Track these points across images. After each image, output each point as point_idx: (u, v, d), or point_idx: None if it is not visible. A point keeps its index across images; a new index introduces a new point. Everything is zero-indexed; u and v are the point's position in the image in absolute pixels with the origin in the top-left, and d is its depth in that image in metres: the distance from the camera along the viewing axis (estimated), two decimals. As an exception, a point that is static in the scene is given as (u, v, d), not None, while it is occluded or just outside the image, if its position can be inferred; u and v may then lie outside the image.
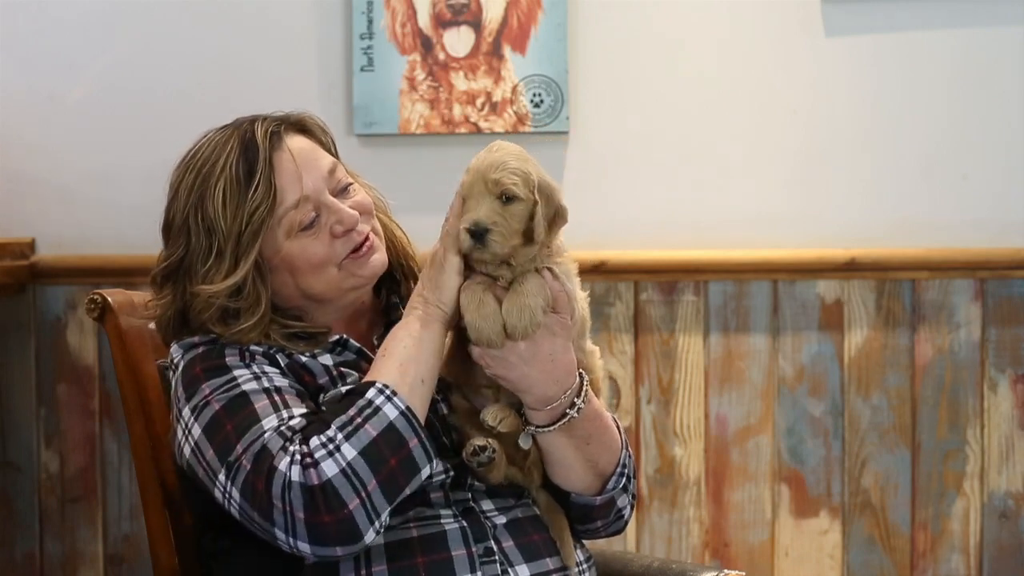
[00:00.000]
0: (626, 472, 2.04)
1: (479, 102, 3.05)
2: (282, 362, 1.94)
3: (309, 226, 1.95)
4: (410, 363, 1.86)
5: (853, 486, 3.04)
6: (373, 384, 1.84)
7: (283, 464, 1.78)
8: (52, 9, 3.09)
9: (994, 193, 3.04)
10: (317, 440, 1.80)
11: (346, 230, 1.96)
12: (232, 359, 1.92)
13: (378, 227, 2.03)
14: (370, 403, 1.82)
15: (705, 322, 3.04)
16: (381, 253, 2.01)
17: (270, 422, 1.83)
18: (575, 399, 1.92)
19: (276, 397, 1.87)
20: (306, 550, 1.80)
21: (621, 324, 3.04)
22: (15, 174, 3.10)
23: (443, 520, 1.91)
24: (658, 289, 3.04)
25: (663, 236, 3.05)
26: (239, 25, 3.08)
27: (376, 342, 2.05)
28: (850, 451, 3.04)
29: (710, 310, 3.04)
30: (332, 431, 1.80)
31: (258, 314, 1.93)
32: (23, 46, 3.09)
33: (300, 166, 1.95)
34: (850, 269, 3.01)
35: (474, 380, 1.95)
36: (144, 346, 2.13)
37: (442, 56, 3.05)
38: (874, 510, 3.04)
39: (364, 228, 1.99)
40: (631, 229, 3.06)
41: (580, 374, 1.94)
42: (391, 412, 1.82)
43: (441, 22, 3.05)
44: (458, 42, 3.05)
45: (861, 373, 3.04)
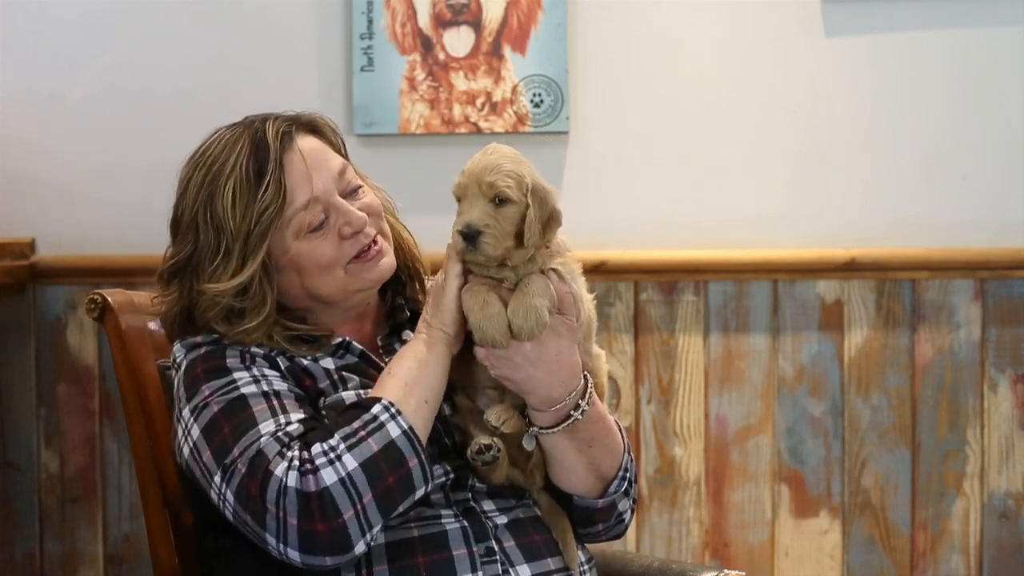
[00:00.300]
0: (628, 476, 2.04)
1: (479, 102, 3.05)
2: (283, 365, 1.94)
3: (318, 227, 1.95)
4: (415, 384, 1.87)
5: (853, 486, 3.04)
6: (379, 400, 1.84)
7: (279, 469, 1.78)
8: (52, 9, 3.09)
9: (994, 193, 3.04)
10: (319, 447, 1.80)
11: (355, 232, 1.96)
12: (233, 361, 1.92)
13: (386, 229, 2.03)
14: (375, 418, 1.83)
15: (705, 322, 3.04)
16: (389, 256, 2.01)
17: (267, 427, 1.83)
18: (579, 401, 1.92)
19: (275, 401, 1.87)
20: (296, 558, 1.80)
21: (621, 324, 3.04)
22: (15, 174, 3.10)
23: (444, 520, 1.91)
24: (658, 289, 3.04)
25: (663, 236, 3.05)
26: (239, 25, 3.08)
27: (380, 343, 2.06)
28: (850, 451, 3.04)
29: (710, 310, 3.04)
30: (336, 440, 1.80)
31: (263, 314, 1.93)
32: (23, 46, 3.09)
33: (310, 167, 1.95)
34: (850, 269, 3.01)
35: (478, 381, 1.95)
36: (144, 346, 2.13)
37: (442, 56, 3.05)
38: (874, 510, 3.04)
39: (372, 230, 1.99)
40: (631, 229, 3.06)
41: (585, 376, 1.94)
42: (394, 430, 1.82)
43: (441, 22, 3.05)
44: (458, 42, 3.05)
45: (861, 373, 3.04)
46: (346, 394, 1.93)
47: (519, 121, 3.04)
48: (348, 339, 1.99)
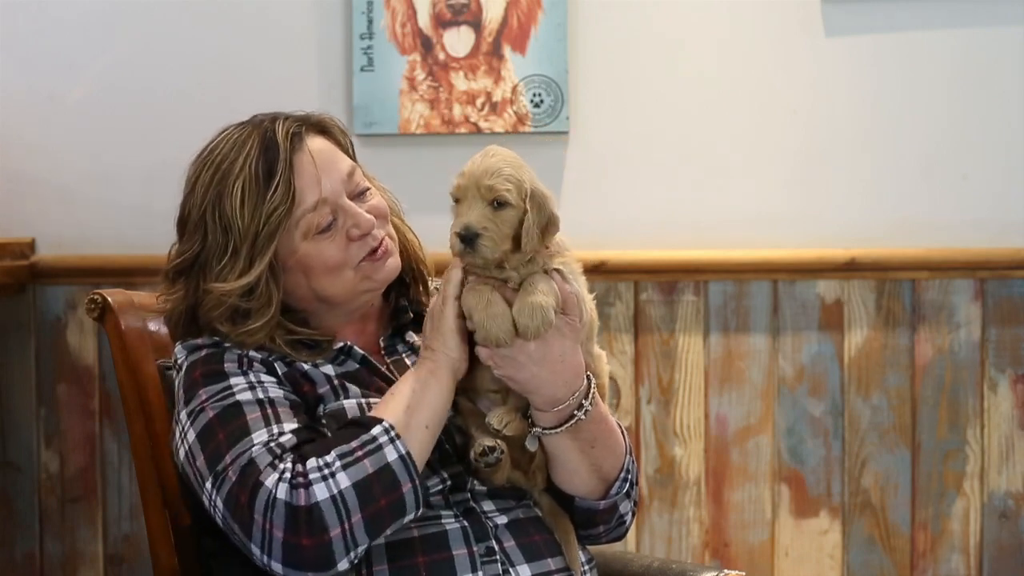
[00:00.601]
0: (629, 478, 2.04)
1: (479, 102, 3.05)
2: (280, 370, 1.94)
3: (326, 229, 1.95)
4: (417, 408, 1.86)
5: (853, 486, 3.04)
6: (380, 422, 1.84)
7: (269, 480, 1.78)
8: (52, 9, 3.09)
9: (994, 193, 3.04)
10: (315, 462, 1.80)
11: (362, 234, 1.96)
12: (230, 365, 1.92)
13: (392, 232, 2.03)
14: (373, 439, 1.82)
15: (705, 322, 3.04)
16: (395, 258, 2.01)
17: (260, 436, 1.83)
18: (582, 401, 1.92)
19: (269, 410, 1.87)
20: (278, 570, 1.80)
21: (621, 324, 3.04)
22: (15, 174, 3.10)
23: (444, 520, 1.91)
24: (658, 289, 3.04)
25: (663, 236, 3.05)
26: (239, 25, 3.08)
27: (382, 344, 2.06)
28: (850, 451, 3.04)
29: (710, 310, 3.04)
30: (332, 457, 1.80)
31: (267, 315, 1.93)
32: (23, 46, 3.09)
33: (320, 168, 1.95)
34: (850, 269, 3.01)
35: (480, 383, 1.95)
36: (144, 346, 2.13)
37: (442, 56, 3.05)
38: (874, 510, 3.04)
39: (380, 233, 1.99)
40: (631, 229, 3.06)
41: (588, 376, 1.94)
42: (391, 454, 1.82)
43: (441, 22, 3.05)
44: (458, 42, 3.05)
45: (861, 373, 3.04)
46: (347, 403, 1.93)
47: (519, 121, 3.04)
48: (350, 344, 1.99)
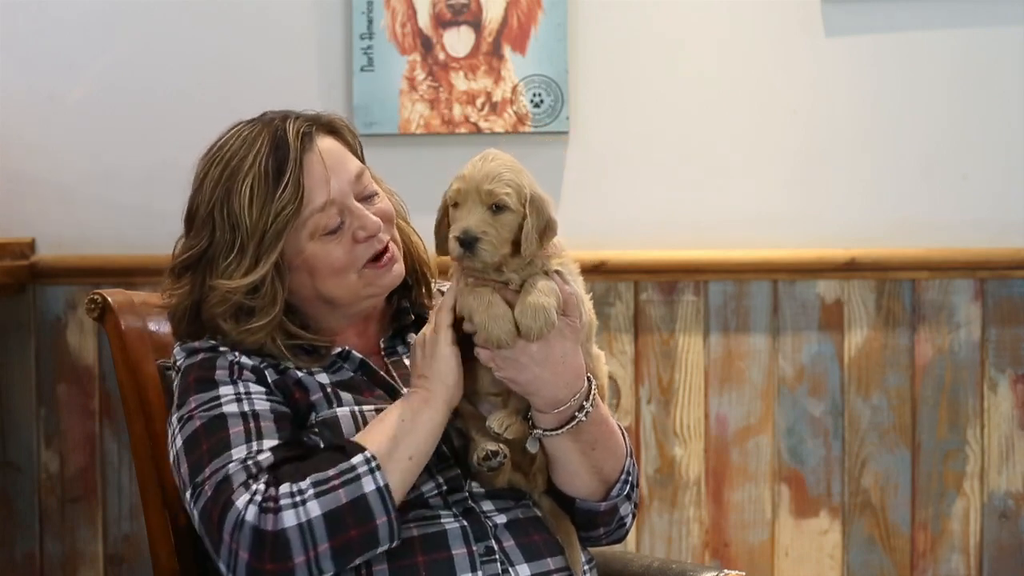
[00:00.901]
0: (630, 480, 2.03)
1: (479, 102, 3.05)
2: (271, 378, 1.94)
3: (333, 230, 1.95)
4: (404, 437, 1.85)
5: (853, 486, 3.04)
6: (363, 451, 1.83)
7: (240, 501, 1.79)
8: (52, 9, 3.09)
9: (994, 193, 3.04)
10: (288, 488, 1.80)
11: (368, 236, 1.96)
12: (221, 373, 1.92)
13: (398, 237, 2.03)
14: (352, 468, 1.82)
15: (705, 322, 3.04)
16: (400, 264, 2.01)
17: (239, 452, 1.84)
18: (583, 403, 1.92)
19: (252, 423, 1.87)
20: None
21: (621, 324, 3.04)
22: (15, 174, 3.10)
23: (443, 520, 1.91)
24: (658, 289, 3.04)
25: (663, 236, 3.05)
26: (239, 25, 3.08)
27: (383, 345, 2.06)
28: (850, 451, 3.04)
29: (710, 310, 3.04)
30: (306, 483, 1.80)
31: (271, 314, 1.93)
32: (23, 46, 3.09)
33: (329, 169, 1.95)
34: (850, 269, 3.01)
35: (481, 386, 1.95)
36: (144, 346, 2.13)
37: (442, 56, 3.05)
38: (874, 510, 3.04)
39: (385, 237, 1.98)
40: (631, 229, 3.06)
41: (588, 378, 1.94)
42: (368, 485, 1.81)
43: (441, 22, 3.05)
44: (458, 42, 3.05)
45: (861, 373, 3.04)
46: (339, 411, 1.92)
47: (519, 121, 3.04)
48: (348, 349, 1.99)
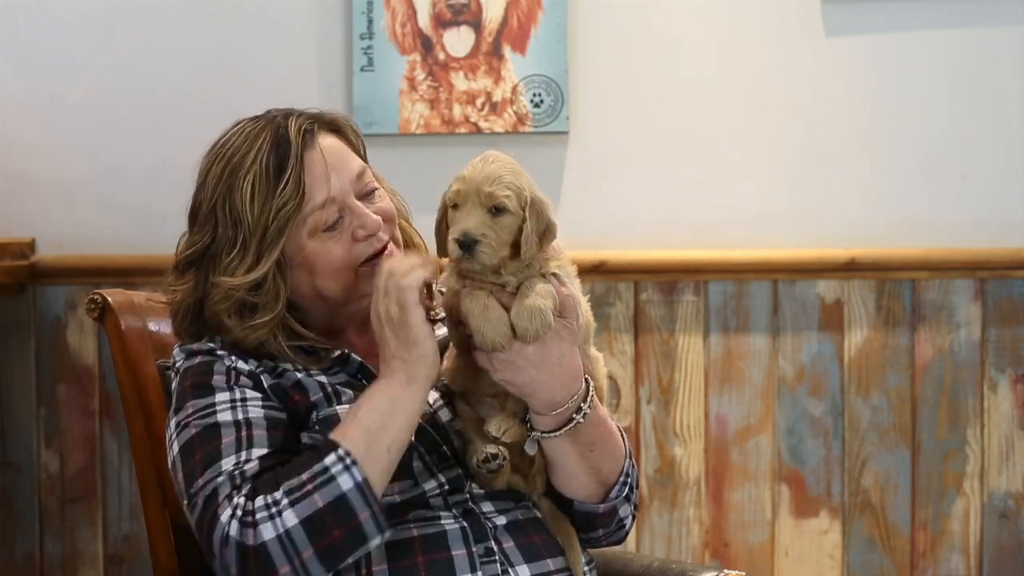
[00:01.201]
0: (629, 481, 2.03)
1: (479, 102, 3.05)
2: (266, 383, 1.93)
3: (332, 227, 1.95)
4: (380, 430, 1.83)
5: (853, 486, 3.04)
6: (335, 448, 1.81)
7: (224, 516, 1.79)
8: (52, 9, 3.09)
9: (994, 193, 3.04)
10: (262, 500, 1.79)
11: (368, 235, 1.96)
12: (218, 379, 1.92)
13: (398, 237, 2.02)
14: (326, 470, 1.80)
15: (705, 322, 3.04)
16: None
17: (228, 463, 1.84)
18: (581, 404, 1.92)
19: (243, 432, 1.87)
20: None
21: (621, 324, 3.04)
22: (15, 174, 3.10)
23: (443, 521, 1.90)
24: (658, 289, 3.04)
25: (663, 236, 3.05)
26: (239, 25, 3.08)
27: None
28: (850, 451, 3.04)
29: (710, 310, 3.04)
30: (280, 494, 1.79)
31: (274, 311, 1.93)
32: (23, 46, 3.09)
33: (330, 166, 1.95)
34: (850, 269, 3.01)
35: (479, 389, 1.94)
36: (144, 346, 2.13)
37: (442, 56, 3.05)
38: (874, 510, 3.04)
39: (385, 236, 1.98)
40: (631, 229, 3.06)
41: (586, 379, 1.93)
42: (346, 483, 1.79)
43: (441, 22, 3.05)
44: (458, 42, 3.05)
45: (861, 373, 3.04)
46: (340, 409, 1.92)
47: (519, 121, 3.04)
48: (348, 352, 1.99)
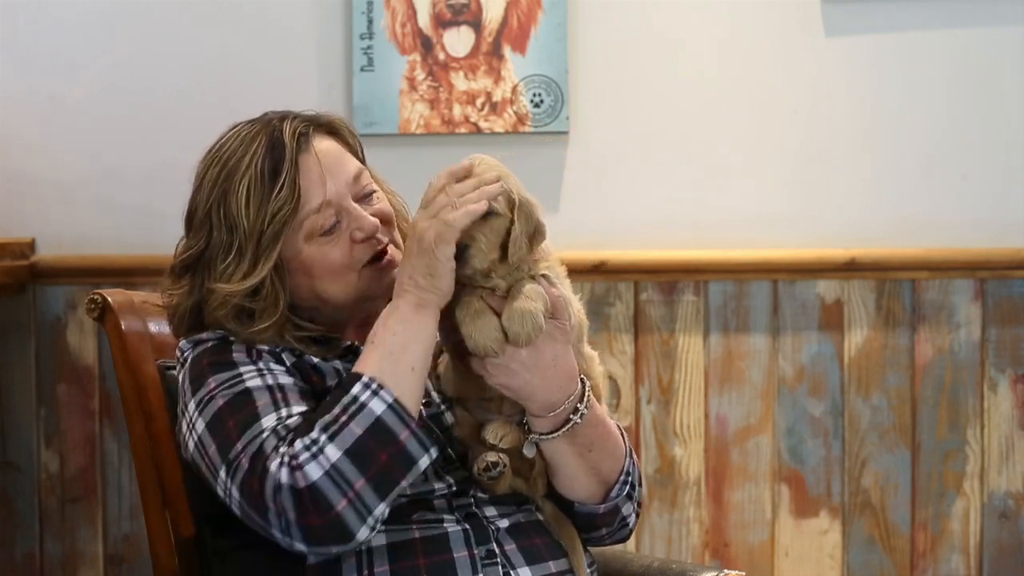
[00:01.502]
0: (630, 480, 2.03)
1: (479, 102, 3.05)
2: (288, 361, 1.93)
3: (329, 231, 1.94)
4: (400, 351, 1.82)
5: (853, 486, 3.04)
6: (359, 378, 1.81)
7: (274, 466, 1.77)
8: (52, 9, 3.09)
9: (994, 193, 3.04)
10: (301, 443, 1.78)
11: (366, 237, 1.95)
12: (239, 355, 1.91)
13: (398, 238, 2.01)
14: (355, 399, 1.80)
15: (705, 322, 3.04)
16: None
17: (269, 421, 1.82)
18: (578, 405, 1.91)
19: (278, 394, 1.86)
20: (303, 549, 1.80)
21: (621, 324, 3.04)
22: (15, 174, 3.10)
23: (446, 523, 1.90)
24: (658, 289, 3.04)
25: (663, 236, 3.05)
26: (239, 25, 3.08)
27: None
28: (850, 451, 3.04)
29: (710, 310, 3.04)
30: (316, 432, 1.78)
31: (275, 316, 1.92)
32: (23, 46, 3.09)
33: (325, 170, 1.94)
34: (850, 269, 3.01)
35: (475, 394, 1.94)
36: (144, 346, 2.13)
37: (442, 56, 3.05)
38: (874, 510, 3.04)
39: (384, 238, 1.97)
40: (631, 229, 3.06)
41: (582, 380, 1.93)
42: (378, 407, 1.79)
43: (441, 22, 3.05)
44: (458, 42, 3.05)
45: (861, 373, 3.04)
46: (333, 383, 1.92)
47: (519, 121, 3.04)
48: (356, 343, 1.99)
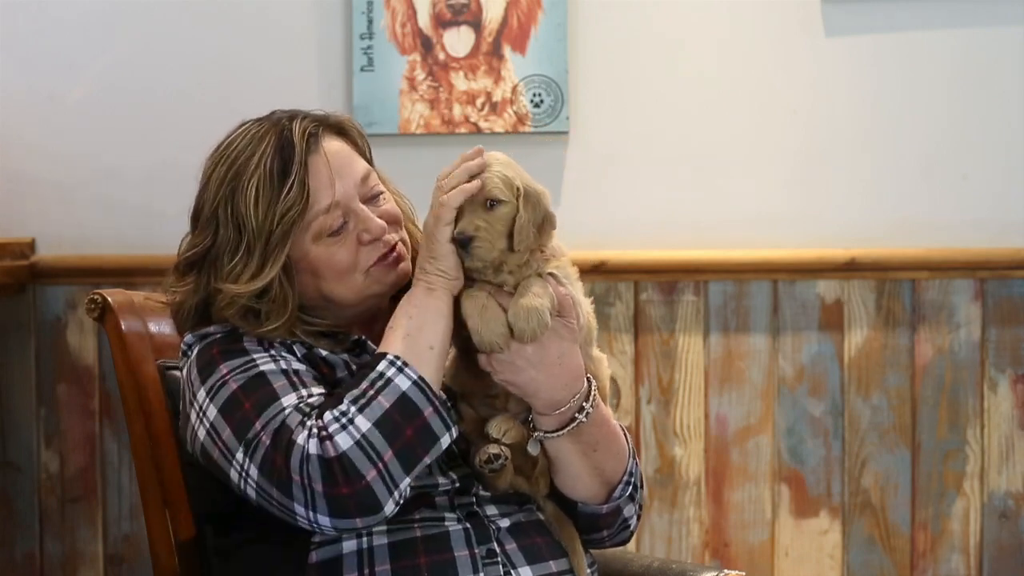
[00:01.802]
0: (632, 481, 2.03)
1: (479, 102, 3.05)
2: (299, 352, 1.93)
3: (337, 232, 1.94)
4: (418, 332, 1.85)
5: (853, 486, 3.04)
6: (384, 357, 1.84)
7: (301, 438, 1.78)
8: (52, 9, 3.09)
9: (994, 193, 3.04)
10: (330, 415, 1.79)
11: (373, 239, 1.95)
12: (250, 344, 1.91)
13: (406, 239, 2.01)
14: (381, 375, 1.82)
15: (705, 322, 3.04)
16: (407, 263, 1.99)
17: (289, 400, 1.83)
18: (583, 404, 1.92)
19: (295, 378, 1.87)
20: (326, 523, 1.79)
21: (621, 324, 3.04)
22: (15, 174, 3.10)
23: (447, 522, 1.90)
24: (658, 289, 3.04)
25: (663, 236, 3.05)
26: (239, 25, 3.08)
27: None
28: (850, 451, 3.04)
29: (710, 310, 3.04)
30: (345, 405, 1.79)
31: (284, 316, 1.92)
32: (23, 46, 3.09)
33: (334, 170, 1.94)
34: (850, 269, 3.01)
35: (480, 390, 1.94)
36: (144, 346, 2.13)
37: (442, 56, 3.05)
38: (874, 510, 3.04)
39: (391, 238, 1.97)
40: (631, 229, 3.06)
41: (588, 379, 1.93)
42: (403, 383, 1.81)
43: (441, 22, 3.05)
44: (458, 42, 3.05)
45: (861, 373, 3.04)
46: (356, 366, 1.92)
47: (519, 121, 3.04)
48: (364, 338, 1.99)
